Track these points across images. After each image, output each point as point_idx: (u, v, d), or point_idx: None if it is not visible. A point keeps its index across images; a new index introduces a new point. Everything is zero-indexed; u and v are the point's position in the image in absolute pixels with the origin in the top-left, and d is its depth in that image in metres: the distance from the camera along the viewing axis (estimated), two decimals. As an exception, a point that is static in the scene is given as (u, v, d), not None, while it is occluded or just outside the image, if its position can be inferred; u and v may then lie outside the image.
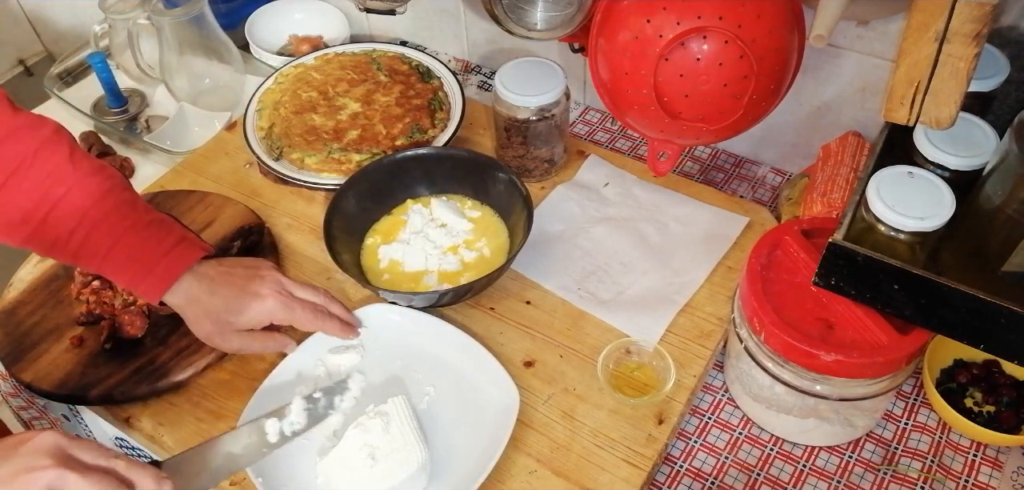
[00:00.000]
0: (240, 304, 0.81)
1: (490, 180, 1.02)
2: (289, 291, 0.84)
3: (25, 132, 0.76)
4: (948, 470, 0.81)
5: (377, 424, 0.78)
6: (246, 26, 1.40)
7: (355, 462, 0.76)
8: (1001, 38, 0.81)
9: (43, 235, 0.77)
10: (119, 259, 0.79)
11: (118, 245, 0.78)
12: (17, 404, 1.00)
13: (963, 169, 0.74)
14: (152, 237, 0.80)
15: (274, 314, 0.82)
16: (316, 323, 0.84)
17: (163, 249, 0.79)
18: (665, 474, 0.84)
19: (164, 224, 0.82)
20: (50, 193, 0.76)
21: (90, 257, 0.78)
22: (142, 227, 0.80)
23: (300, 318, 0.83)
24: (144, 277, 0.79)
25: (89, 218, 0.77)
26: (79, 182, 0.77)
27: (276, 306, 0.82)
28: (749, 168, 1.15)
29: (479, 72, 1.35)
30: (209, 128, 1.27)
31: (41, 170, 0.76)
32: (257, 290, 0.82)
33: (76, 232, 0.77)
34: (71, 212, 0.77)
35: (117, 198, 0.79)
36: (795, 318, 0.76)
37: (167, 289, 0.80)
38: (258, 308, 0.82)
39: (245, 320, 0.82)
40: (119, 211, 0.79)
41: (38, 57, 1.91)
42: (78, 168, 0.77)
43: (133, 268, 0.79)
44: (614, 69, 0.93)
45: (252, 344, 0.84)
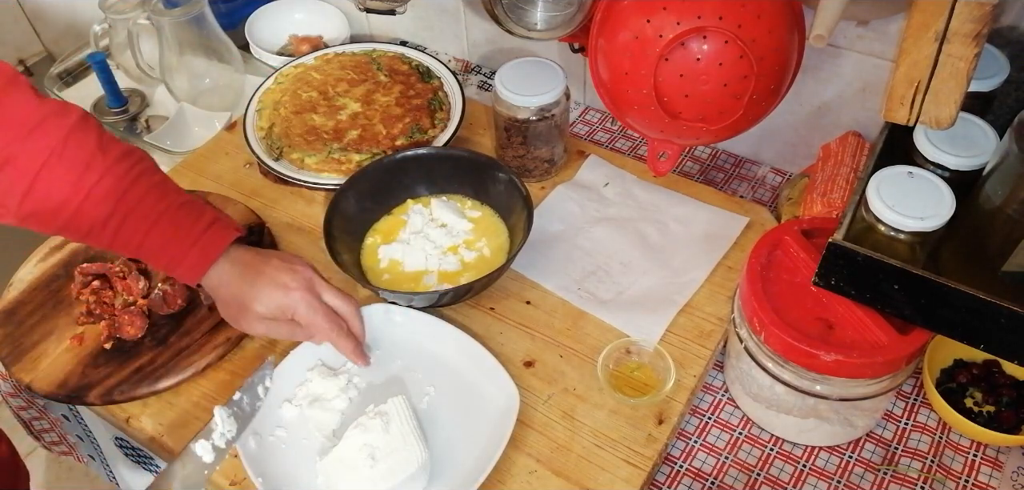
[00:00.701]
0: (267, 293, 0.81)
1: (490, 180, 1.02)
2: (318, 292, 0.84)
3: (53, 121, 0.75)
4: (948, 470, 0.81)
5: (377, 424, 0.78)
6: (246, 26, 1.40)
7: (355, 462, 0.76)
8: (1001, 38, 0.81)
9: (78, 224, 0.77)
10: (155, 244, 0.79)
11: (153, 230, 0.78)
12: (17, 404, 1.00)
13: (963, 169, 0.74)
14: (186, 220, 0.80)
15: (297, 309, 0.82)
16: (331, 335, 0.83)
17: (197, 231, 0.80)
18: (665, 474, 0.84)
19: (196, 206, 0.82)
20: (82, 181, 0.75)
21: (125, 243, 0.79)
22: (175, 210, 0.80)
23: (319, 324, 0.83)
24: (181, 261, 0.80)
25: (124, 204, 0.77)
26: (110, 168, 0.76)
27: (300, 302, 0.82)
28: (749, 168, 1.15)
29: (479, 72, 1.35)
30: (209, 128, 1.27)
31: (72, 158, 0.75)
32: (286, 282, 0.82)
33: (111, 219, 0.77)
34: (104, 198, 0.76)
35: (149, 182, 0.79)
36: (795, 318, 0.76)
37: (204, 272, 0.80)
38: (281, 299, 0.82)
39: (268, 309, 0.82)
40: (152, 195, 0.79)
41: (38, 57, 1.91)
42: (108, 154, 0.77)
43: (169, 252, 0.79)
44: (614, 69, 0.93)
45: (278, 329, 0.84)
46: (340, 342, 0.84)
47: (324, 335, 0.84)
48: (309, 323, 0.82)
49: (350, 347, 0.85)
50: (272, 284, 0.82)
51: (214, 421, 0.79)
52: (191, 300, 0.96)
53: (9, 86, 0.74)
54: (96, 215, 0.76)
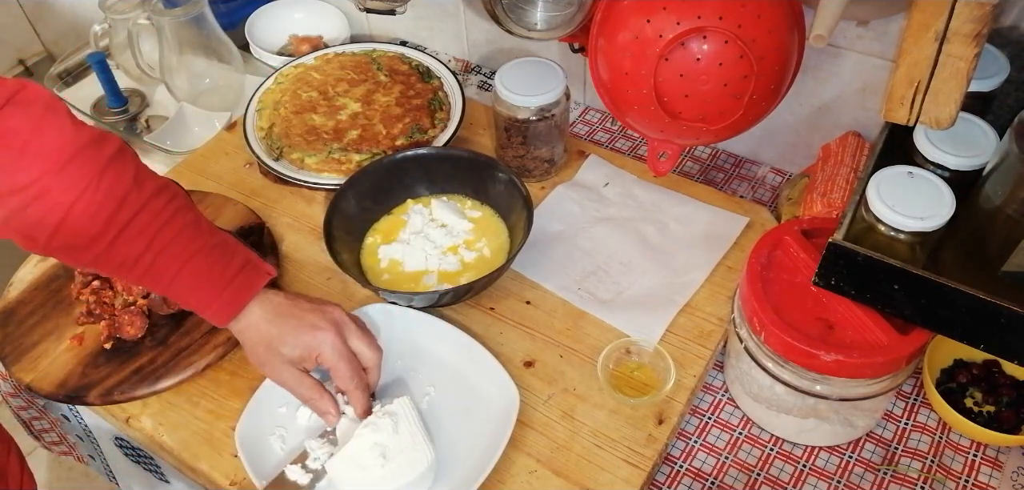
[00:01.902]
0: (294, 335, 0.79)
1: (490, 180, 1.02)
2: (345, 336, 0.81)
3: (89, 152, 0.72)
4: (948, 470, 0.81)
5: (387, 424, 0.78)
6: (246, 26, 1.40)
7: (366, 461, 0.76)
8: (1001, 38, 0.81)
9: (110, 258, 0.75)
10: (185, 285, 0.77)
11: (185, 270, 0.77)
12: (17, 404, 1.00)
13: (963, 169, 0.74)
14: (218, 261, 0.78)
15: (323, 351, 0.80)
16: (350, 385, 0.81)
17: (229, 274, 0.78)
18: (665, 474, 0.84)
19: (228, 246, 0.80)
20: (117, 217, 0.73)
21: (156, 280, 0.77)
22: (208, 251, 0.78)
23: (342, 371, 0.80)
24: (212, 302, 0.78)
25: (157, 243, 0.75)
26: (145, 204, 0.75)
27: (327, 343, 0.80)
28: (749, 168, 1.15)
29: (479, 72, 1.35)
30: (209, 128, 1.27)
31: (107, 193, 0.72)
32: (315, 323, 0.80)
33: (144, 257, 0.75)
34: (138, 235, 0.74)
35: (184, 220, 0.77)
36: (795, 318, 0.76)
37: (235, 316, 0.79)
38: (309, 340, 0.79)
39: (295, 351, 0.79)
40: (186, 234, 0.77)
41: (38, 57, 1.91)
42: (144, 189, 0.75)
43: (200, 294, 0.78)
44: (614, 69, 0.93)
45: (300, 388, 0.81)
46: (356, 395, 0.81)
47: (344, 383, 0.81)
48: (333, 366, 0.80)
49: (363, 402, 0.82)
50: (301, 325, 0.80)
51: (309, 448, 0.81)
52: (191, 300, 0.96)
53: (47, 113, 0.71)
54: (128, 252, 0.75)
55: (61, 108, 0.73)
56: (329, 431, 0.82)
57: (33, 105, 0.70)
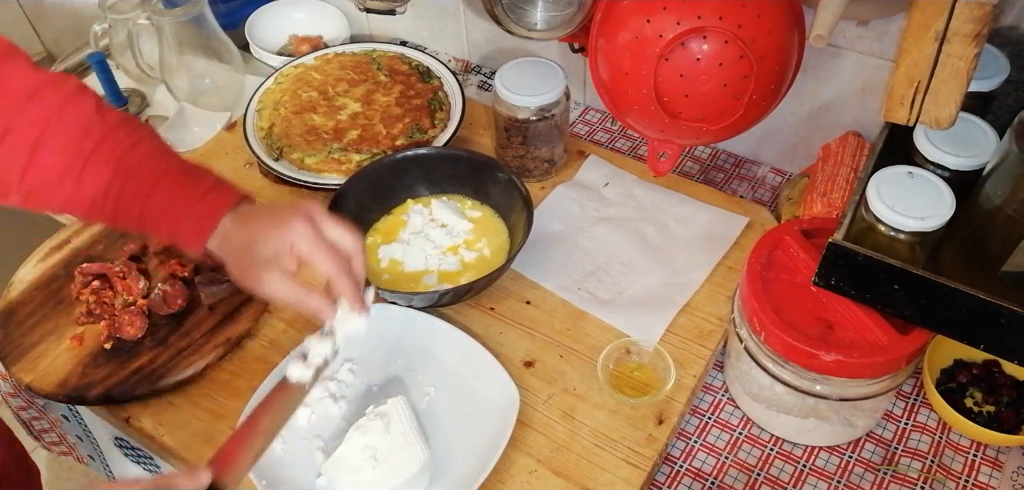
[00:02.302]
0: (266, 234, 0.76)
1: (490, 180, 1.02)
2: (319, 225, 0.77)
3: (49, 89, 0.74)
4: (948, 470, 0.81)
5: (378, 425, 0.78)
6: (246, 26, 1.40)
7: (357, 464, 0.76)
8: (1001, 38, 0.81)
9: (80, 195, 0.75)
10: (156, 209, 0.76)
11: (154, 194, 0.76)
12: (17, 404, 1.00)
13: (963, 169, 0.74)
14: (188, 182, 0.77)
15: (297, 245, 0.75)
16: (332, 270, 0.76)
17: (200, 192, 0.77)
18: (665, 474, 0.84)
19: (197, 170, 0.79)
20: (82, 148, 0.74)
21: (127, 212, 0.76)
22: (177, 174, 0.77)
23: (321, 260, 0.76)
24: (183, 224, 0.76)
25: (123, 169, 0.75)
26: (109, 133, 0.75)
27: (300, 237, 0.75)
28: (749, 168, 1.15)
29: (479, 72, 1.35)
30: (209, 128, 1.27)
31: (70, 124, 0.74)
32: (285, 217, 0.76)
33: (112, 185, 0.75)
34: (104, 163, 0.74)
35: (149, 146, 0.77)
36: (795, 318, 0.76)
37: (210, 233, 0.76)
38: (280, 235, 0.75)
39: (269, 248, 0.75)
40: (152, 159, 0.77)
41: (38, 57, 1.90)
42: (106, 119, 0.75)
43: (172, 217, 0.76)
44: (614, 69, 0.93)
45: (287, 290, 0.76)
46: (341, 279, 0.76)
47: (325, 270, 0.76)
48: (310, 256, 0.76)
49: (350, 287, 0.77)
50: (272, 222, 0.76)
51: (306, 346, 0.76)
52: (191, 300, 0.96)
53: (5, 57, 0.73)
54: (96, 184, 0.74)
55: (20, 53, 0.75)
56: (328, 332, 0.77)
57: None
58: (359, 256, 0.78)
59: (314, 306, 0.76)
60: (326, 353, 0.75)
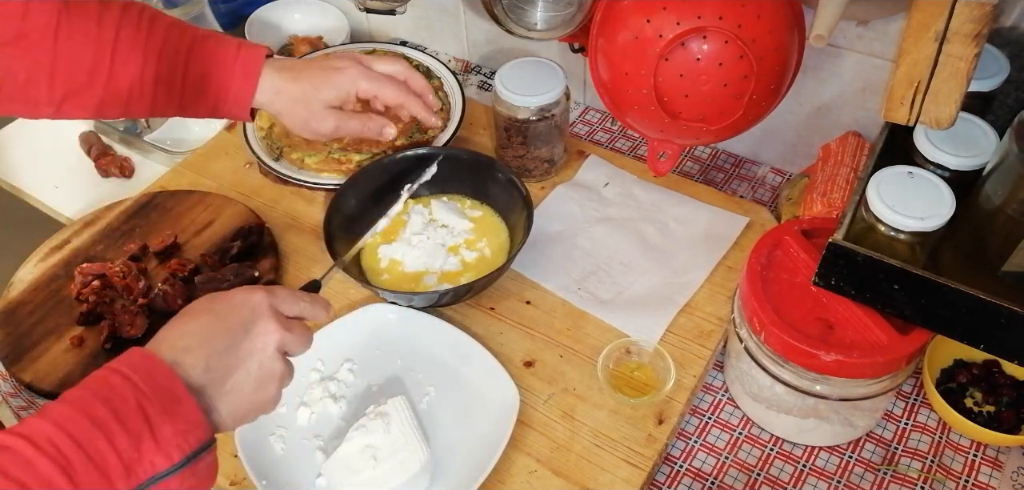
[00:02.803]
0: (324, 79, 0.81)
1: (490, 180, 1.02)
2: (369, 65, 0.84)
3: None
4: (948, 470, 0.81)
5: (378, 425, 0.78)
6: (246, 26, 1.40)
7: (357, 464, 0.76)
8: (1001, 38, 0.81)
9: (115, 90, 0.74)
10: (194, 80, 0.76)
11: (189, 67, 0.76)
12: (17, 404, 1.00)
13: (963, 169, 0.74)
14: (217, 47, 0.78)
15: (358, 82, 0.82)
16: (399, 96, 0.84)
17: (230, 57, 0.78)
18: (665, 474, 0.84)
19: (218, 35, 0.80)
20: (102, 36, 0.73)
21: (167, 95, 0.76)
22: (202, 40, 0.78)
23: (385, 88, 0.83)
24: (227, 93, 0.77)
25: (151, 50, 0.75)
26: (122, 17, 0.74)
27: (359, 75, 0.82)
28: (749, 168, 1.15)
29: (479, 72, 1.35)
30: (209, 128, 1.27)
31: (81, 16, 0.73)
32: (337, 65, 0.82)
33: (145, 69, 0.74)
34: (131, 49, 0.74)
35: (164, 21, 0.77)
36: (795, 318, 0.76)
37: (251, 97, 0.78)
38: (341, 79, 0.81)
39: (335, 94, 0.81)
40: (173, 32, 0.77)
41: (38, 57, 1.91)
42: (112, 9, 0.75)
43: (214, 82, 0.77)
44: (614, 69, 0.93)
45: (350, 123, 0.83)
46: (409, 101, 0.85)
47: (393, 97, 0.84)
48: (376, 90, 0.83)
49: (417, 105, 0.86)
50: (323, 70, 0.81)
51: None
52: (191, 300, 0.95)
53: None
54: (129, 72, 0.74)
55: None
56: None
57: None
58: (415, 76, 0.87)
59: (377, 126, 0.85)
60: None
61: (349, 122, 0.83)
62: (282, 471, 0.80)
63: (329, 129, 0.82)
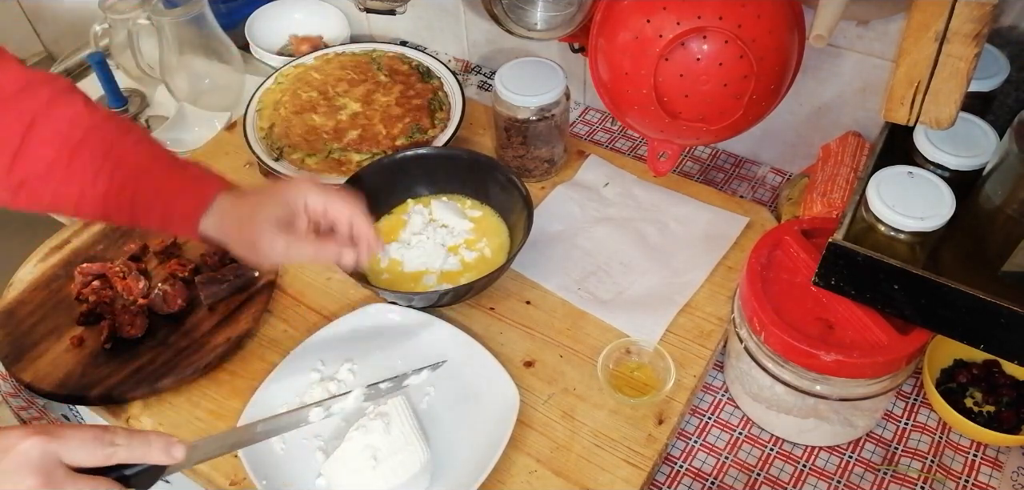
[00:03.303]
0: (270, 195, 0.77)
1: (490, 180, 1.02)
2: (320, 182, 0.81)
3: (38, 85, 0.75)
4: (948, 470, 0.81)
5: (378, 425, 0.78)
6: (246, 26, 1.40)
7: (358, 464, 0.76)
8: (1001, 38, 0.81)
9: (68, 188, 0.75)
10: (147, 194, 0.76)
11: (144, 181, 0.76)
12: (17, 404, 1.00)
13: (963, 169, 0.74)
14: (178, 168, 0.79)
15: (307, 195, 0.77)
16: (350, 208, 0.78)
17: (189, 176, 0.78)
18: (665, 474, 0.84)
19: (185, 160, 0.81)
20: (70, 137, 0.74)
21: (118, 201, 0.76)
22: (165, 161, 0.78)
23: (334, 202, 0.78)
24: (175, 206, 0.77)
25: (111, 158, 0.75)
26: (98, 125, 0.76)
27: (309, 187, 0.77)
28: (749, 168, 1.15)
29: (479, 72, 1.35)
30: (209, 128, 1.27)
31: (59, 118, 0.74)
32: (291, 183, 0.80)
33: (100, 174, 0.75)
34: (93, 155, 0.75)
35: (136, 136, 0.78)
36: (795, 318, 0.76)
37: (202, 214, 0.76)
38: (288, 192, 0.77)
39: (282, 208, 0.76)
40: (140, 148, 0.78)
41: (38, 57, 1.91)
42: (95, 114, 0.76)
43: (164, 199, 0.77)
44: (614, 69, 0.93)
45: (302, 248, 0.76)
46: (360, 221, 0.79)
47: (342, 214, 0.78)
48: (324, 206, 0.77)
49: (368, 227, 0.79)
50: (275, 188, 0.79)
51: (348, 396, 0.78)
52: (191, 300, 0.96)
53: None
54: (86, 174, 0.75)
55: (7, 54, 0.76)
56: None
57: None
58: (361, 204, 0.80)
59: (334, 252, 0.77)
60: None
61: (301, 245, 0.76)
62: (282, 471, 0.80)
63: (278, 252, 0.76)
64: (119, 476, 0.60)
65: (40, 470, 0.55)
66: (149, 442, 0.61)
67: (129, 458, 0.60)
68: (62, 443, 0.57)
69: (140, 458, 0.61)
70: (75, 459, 0.57)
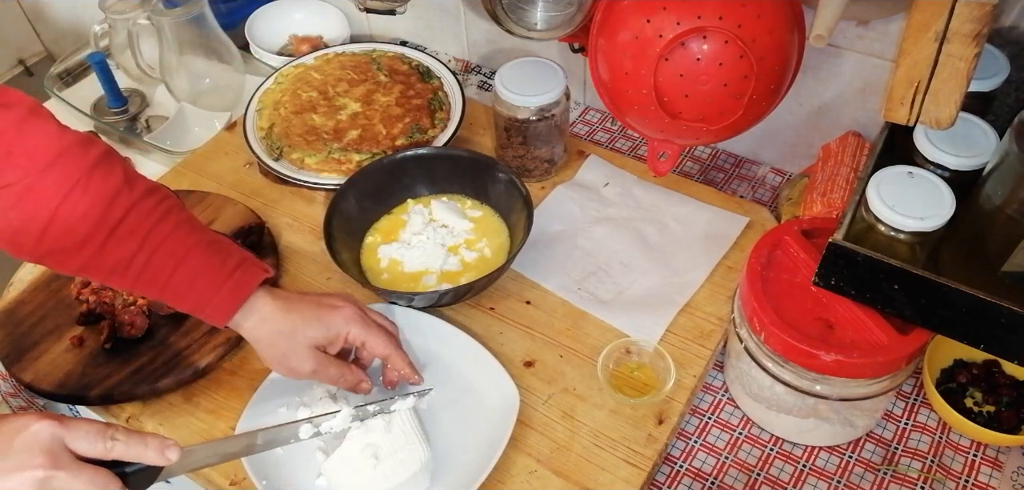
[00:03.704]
0: (315, 316, 0.78)
1: (490, 180, 1.02)
2: (364, 310, 0.82)
3: (76, 151, 0.71)
4: (948, 470, 0.81)
5: (379, 424, 0.78)
6: (246, 26, 1.40)
7: (359, 463, 0.76)
8: (1001, 38, 0.81)
9: (101, 261, 0.73)
10: (182, 283, 0.75)
11: (181, 268, 0.74)
12: (17, 404, 1.00)
13: (963, 169, 0.74)
14: (214, 258, 0.76)
15: (351, 326, 0.79)
16: (388, 348, 0.82)
17: (227, 269, 0.76)
18: (665, 474, 0.84)
19: (223, 245, 0.78)
20: (108, 216, 0.72)
21: (151, 282, 0.75)
22: (203, 248, 0.76)
23: (374, 338, 0.81)
24: (210, 300, 0.76)
25: (150, 241, 0.73)
26: (137, 203, 0.73)
27: (354, 317, 0.80)
28: (749, 168, 1.15)
29: (479, 72, 1.35)
30: (209, 128, 1.27)
31: (97, 192, 0.71)
32: (333, 304, 0.80)
33: (137, 257, 0.73)
34: (130, 235, 0.73)
35: (177, 218, 0.76)
36: (795, 318, 0.76)
37: (234, 312, 0.76)
38: (335, 319, 0.79)
39: (323, 333, 0.79)
40: (180, 231, 0.75)
41: (38, 57, 1.91)
42: (134, 189, 0.74)
43: (198, 291, 0.75)
44: (614, 69, 0.93)
45: (329, 369, 0.80)
46: (396, 355, 0.82)
47: (381, 348, 0.81)
48: (365, 338, 0.80)
49: (404, 363, 0.83)
50: (321, 308, 0.79)
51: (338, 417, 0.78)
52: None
53: (30, 116, 0.71)
54: (120, 254, 0.73)
55: (44, 112, 0.73)
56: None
57: (16, 107, 0.71)
58: (398, 335, 0.85)
59: (355, 381, 0.82)
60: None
61: (328, 368, 0.80)
62: (282, 471, 0.80)
63: (307, 370, 0.79)
64: (120, 473, 0.63)
65: (48, 451, 0.59)
66: (146, 443, 0.64)
67: (126, 455, 0.63)
68: (68, 431, 0.61)
69: (136, 456, 0.64)
70: (78, 448, 0.61)
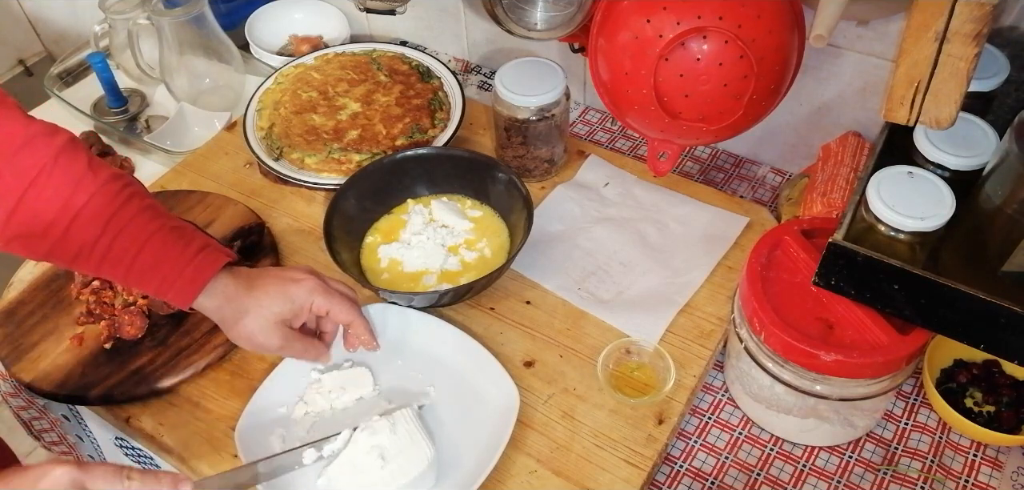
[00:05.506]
0: (281, 291, 0.80)
1: (490, 180, 1.02)
2: (325, 281, 0.84)
3: (41, 140, 0.74)
4: (948, 470, 0.81)
5: (384, 425, 0.78)
6: (246, 26, 1.40)
7: (365, 465, 0.76)
8: (1001, 38, 0.81)
9: (65, 247, 0.75)
10: (145, 265, 0.76)
11: (144, 251, 0.76)
12: (17, 404, 1.00)
13: (963, 169, 0.74)
14: (177, 242, 0.78)
15: (314, 296, 0.81)
16: (350, 315, 0.84)
17: (190, 252, 0.78)
18: (665, 474, 0.84)
19: (187, 230, 0.80)
20: (72, 201, 0.74)
21: (115, 265, 0.76)
22: (167, 231, 0.78)
23: (338, 306, 0.83)
24: (173, 281, 0.77)
25: (113, 225, 0.75)
26: (100, 188, 0.75)
27: (316, 287, 0.82)
28: (749, 168, 1.15)
29: (479, 72, 1.35)
30: (209, 128, 1.27)
31: (61, 178, 0.73)
32: (295, 277, 0.82)
33: (100, 240, 0.75)
34: (94, 219, 0.74)
35: (140, 203, 0.78)
36: (795, 318, 0.76)
37: (199, 290, 0.78)
38: (297, 291, 0.81)
39: (289, 307, 0.81)
40: (144, 216, 0.77)
41: (38, 57, 1.91)
42: (98, 175, 0.75)
43: (161, 272, 0.77)
44: (614, 69, 0.93)
45: (294, 344, 0.82)
46: (359, 324, 0.85)
47: (345, 315, 0.83)
48: (329, 307, 0.82)
49: (366, 329, 0.86)
50: (280, 281, 0.81)
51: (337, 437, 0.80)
52: (191, 300, 0.96)
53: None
54: (85, 237, 0.75)
55: (11, 102, 0.75)
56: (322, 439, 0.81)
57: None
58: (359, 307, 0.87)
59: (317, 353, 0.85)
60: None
61: (294, 343, 0.82)
62: (284, 476, 0.80)
63: (274, 345, 0.81)
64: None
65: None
66: (160, 481, 0.66)
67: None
68: (87, 474, 0.63)
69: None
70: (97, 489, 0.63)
